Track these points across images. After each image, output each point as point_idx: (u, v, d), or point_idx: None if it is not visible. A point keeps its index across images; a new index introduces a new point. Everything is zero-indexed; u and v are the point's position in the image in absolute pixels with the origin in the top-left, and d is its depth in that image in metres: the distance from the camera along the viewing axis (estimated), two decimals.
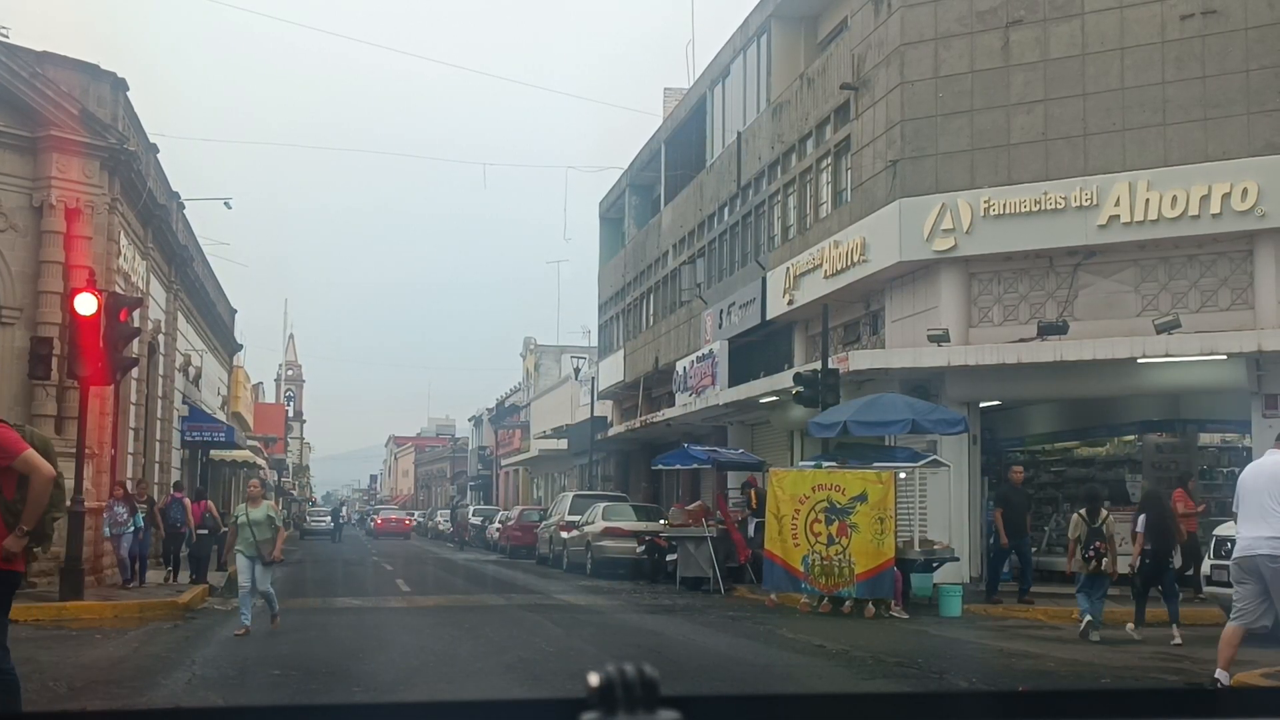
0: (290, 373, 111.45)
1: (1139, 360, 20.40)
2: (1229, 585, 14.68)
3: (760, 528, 23.45)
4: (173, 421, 31.59)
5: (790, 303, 28.18)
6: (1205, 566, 15.43)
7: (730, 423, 33.03)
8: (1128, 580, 15.77)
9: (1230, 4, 20.77)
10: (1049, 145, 22.08)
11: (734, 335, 31.88)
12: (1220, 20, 20.80)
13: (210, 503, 25.79)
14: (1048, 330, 21.11)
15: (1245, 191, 19.99)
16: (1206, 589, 15.43)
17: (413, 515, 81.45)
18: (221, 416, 42.49)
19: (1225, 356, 20.00)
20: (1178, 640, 14.49)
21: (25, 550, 7.44)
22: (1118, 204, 20.99)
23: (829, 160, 27.88)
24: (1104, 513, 15.78)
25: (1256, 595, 10.22)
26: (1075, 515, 15.97)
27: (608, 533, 28.64)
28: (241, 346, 52.01)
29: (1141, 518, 15.32)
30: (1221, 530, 15.74)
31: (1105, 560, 15.21)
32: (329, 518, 79.20)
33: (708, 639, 14.68)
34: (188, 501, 25.40)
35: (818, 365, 22.97)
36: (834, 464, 20.49)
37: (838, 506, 18.51)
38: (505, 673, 11.61)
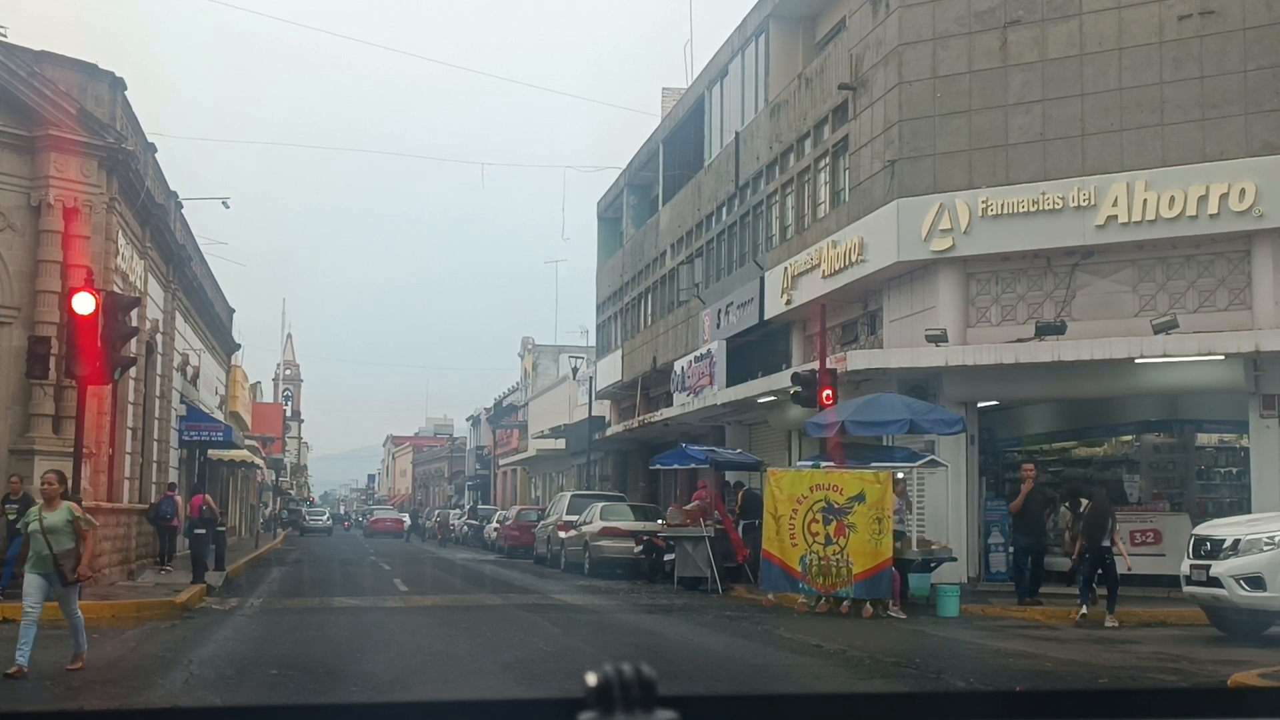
0: (288, 372, 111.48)
1: (1137, 360, 20.41)
2: (1208, 585, 14.74)
3: (747, 529, 23.45)
4: (170, 421, 31.59)
5: (788, 303, 28.18)
6: (1184, 566, 15.47)
7: (728, 422, 33.04)
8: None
9: (1228, 5, 20.79)
10: (1047, 145, 22.09)
11: (732, 335, 31.88)
12: (1218, 21, 20.81)
13: (208, 496, 25.77)
14: (1045, 330, 21.12)
15: (1243, 192, 20.00)
16: (1186, 589, 15.47)
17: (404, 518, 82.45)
18: (219, 416, 42.47)
19: (1223, 357, 20.01)
20: (1114, 625, 16.28)
21: None
22: (1115, 204, 21.00)
23: (827, 160, 27.89)
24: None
25: None
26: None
27: (605, 532, 28.64)
28: (239, 346, 51.97)
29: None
30: (1200, 530, 15.77)
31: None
32: (327, 515, 79.81)
33: (705, 639, 14.68)
34: (179, 499, 25.65)
35: (815, 365, 22.98)
36: (831, 464, 20.48)
37: (835, 506, 18.51)
38: (503, 672, 11.60)
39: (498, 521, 46.74)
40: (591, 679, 1.70)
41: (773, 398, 26.62)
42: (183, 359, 33.59)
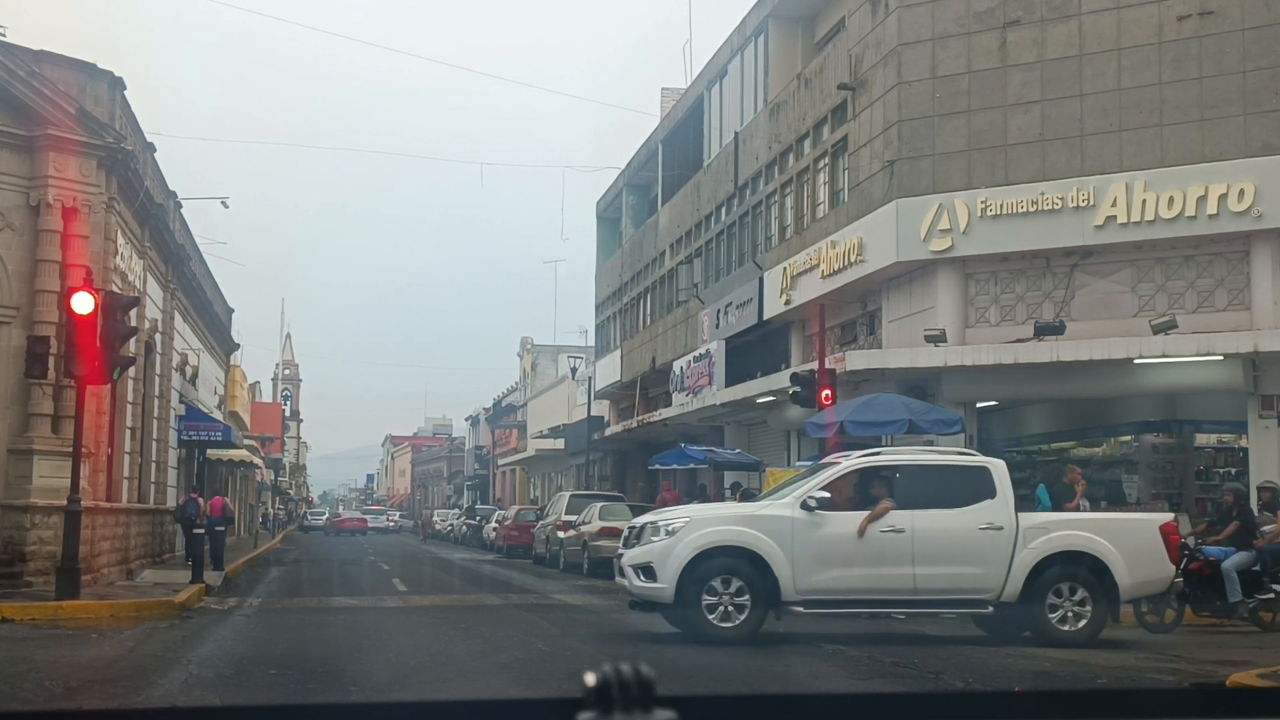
0: (287, 372, 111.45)
1: (1135, 361, 20.42)
2: (622, 575, 14.28)
3: None
4: (169, 421, 31.56)
5: (787, 303, 28.19)
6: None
7: (727, 423, 33.05)
8: None
9: (1227, 5, 20.80)
10: (1046, 146, 22.10)
11: (731, 335, 31.89)
12: (1217, 21, 20.83)
13: (225, 500, 26.84)
14: (1044, 330, 21.13)
15: (1242, 192, 20.02)
16: (617, 579, 15.02)
17: (367, 518, 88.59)
18: (218, 416, 42.46)
19: (1221, 357, 20.02)
20: None
21: None
22: (1114, 204, 21.02)
23: (826, 160, 27.90)
24: None
25: None
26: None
27: (604, 532, 28.59)
28: (238, 346, 51.96)
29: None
30: (637, 520, 15.21)
31: None
32: (326, 515, 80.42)
33: (703, 639, 14.66)
34: (201, 501, 26.40)
35: (814, 365, 22.99)
36: None
37: None
38: (501, 672, 11.60)
39: (496, 521, 46.74)
40: (590, 679, 1.70)
41: (772, 398, 26.62)
42: (182, 359, 33.57)
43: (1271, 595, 15.84)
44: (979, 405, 23.25)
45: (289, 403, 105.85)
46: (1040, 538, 13.97)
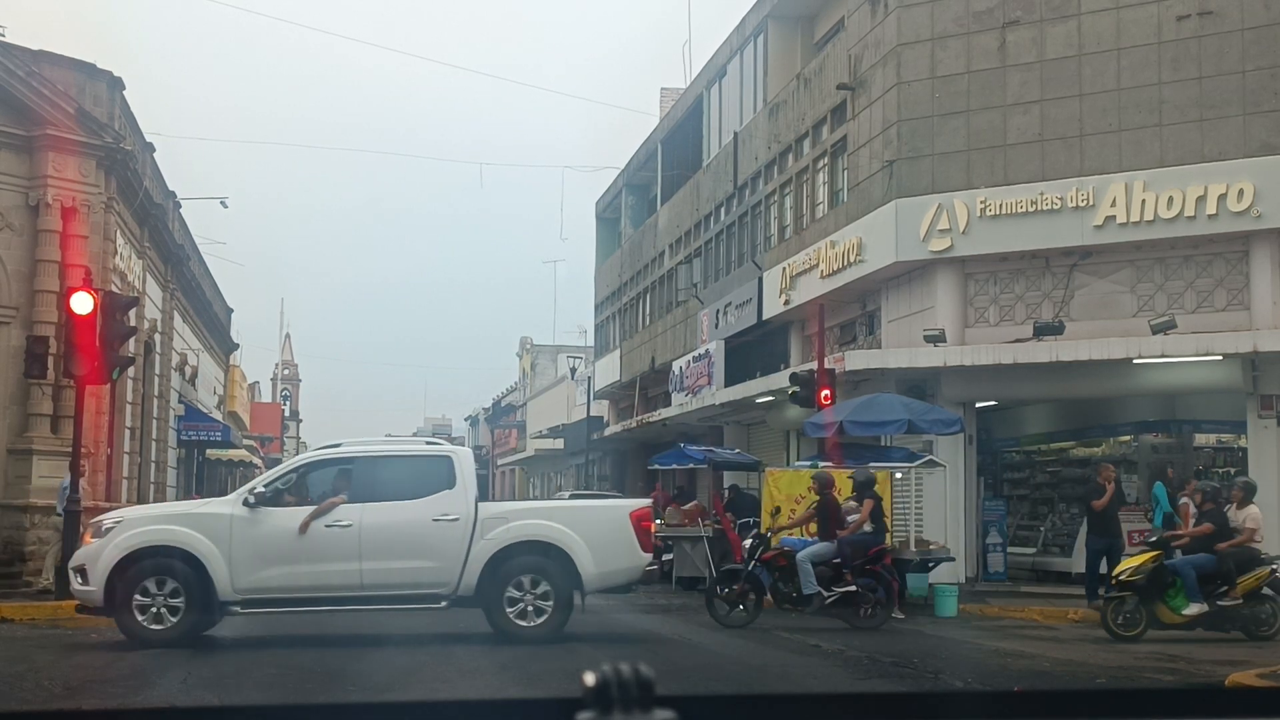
0: (286, 372, 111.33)
1: (1135, 361, 20.41)
2: None
3: (741, 529, 23.45)
4: (169, 421, 31.57)
5: (786, 303, 28.18)
6: None
7: (726, 423, 33.04)
8: None
9: (1226, 5, 20.80)
10: (1045, 146, 22.09)
11: (730, 335, 31.88)
12: (1216, 21, 20.82)
13: None
14: (1043, 331, 21.12)
15: (1241, 192, 20.01)
16: None
17: None
18: (218, 416, 42.47)
19: (1221, 357, 20.01)
20: None
21: None
22: (1114, 204, 21.00)
23: (825, 160, 27.89)
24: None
25: None
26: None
27: None
28: (238, 346, 52.01)
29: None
30: (92, 521, 14.77)
31: None
32: None
33: (703, 638, 14.68)
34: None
35: (814, 365, 22.98)
36: (829, 464, 20.48)
37: None
38: (500, 672, 11.60)
39: None
40: (589, 678, 1.70)
41: (771, 398, 26.61)
42: (181, 359, 33.58)
43: (853, 589, 15.35)
44: (978, 405, 23.24)
45: (288, 402, 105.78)
46: (499, 528, 13.59)
